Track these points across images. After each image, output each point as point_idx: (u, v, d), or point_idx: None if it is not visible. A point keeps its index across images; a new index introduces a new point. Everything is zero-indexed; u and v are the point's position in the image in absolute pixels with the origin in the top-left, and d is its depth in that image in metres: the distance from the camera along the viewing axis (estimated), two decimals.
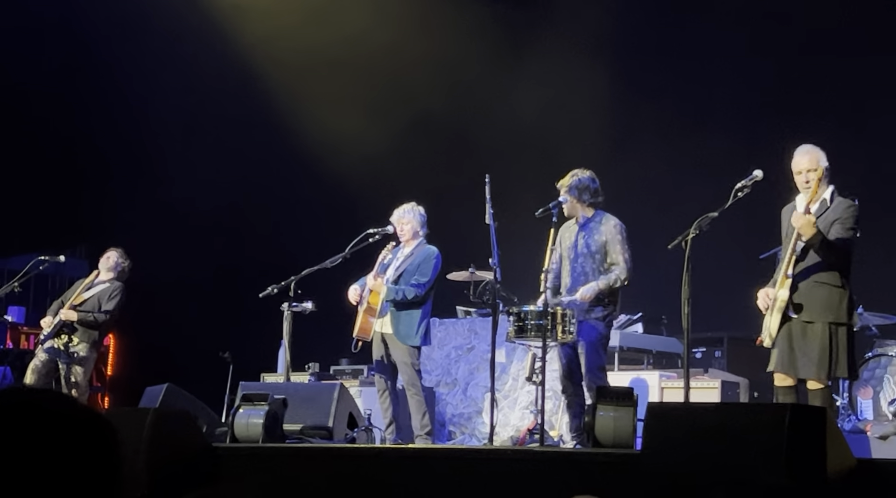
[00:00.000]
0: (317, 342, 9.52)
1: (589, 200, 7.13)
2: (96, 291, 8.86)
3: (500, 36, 11.07)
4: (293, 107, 11.55)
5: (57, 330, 8.65)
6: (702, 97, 10.37)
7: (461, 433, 9.40)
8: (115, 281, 9.00)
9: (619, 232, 7.04)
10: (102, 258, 9.07)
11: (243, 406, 6.50)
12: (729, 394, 8.23)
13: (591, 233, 7.09)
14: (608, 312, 7.03)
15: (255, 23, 11.34)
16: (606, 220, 7.11)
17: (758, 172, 6.13)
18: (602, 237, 7.04)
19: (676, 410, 4.84)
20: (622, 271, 6.95)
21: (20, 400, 1.26)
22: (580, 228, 7.16)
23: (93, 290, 8.88)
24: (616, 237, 7.02)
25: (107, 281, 8.97)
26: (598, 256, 7.04)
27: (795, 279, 5.81)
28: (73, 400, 1.32)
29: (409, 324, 7.48)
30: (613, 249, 7.00)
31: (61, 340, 8.64)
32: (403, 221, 7.70)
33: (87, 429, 1.26)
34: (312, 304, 8.63)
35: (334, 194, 11.36)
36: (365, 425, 7.76)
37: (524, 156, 10.79)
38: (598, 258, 7.04)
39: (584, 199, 7.12)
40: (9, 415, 1.22)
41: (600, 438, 5.59)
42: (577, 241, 7.12)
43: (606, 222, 7.08)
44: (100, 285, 8.93)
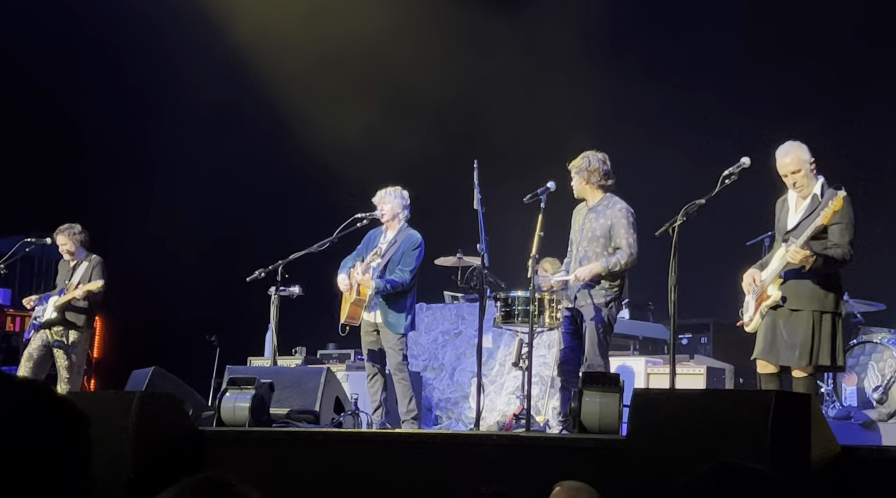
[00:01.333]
0: (304, 326, 9.53)
1: (598, 183, 7.00)
2: (81, 273, 8.82)
3: (491, 24, 11.03)
4: (280, 91, 11.51)
5: (49, 321, 8.65)
6: (690, 84, 10.36)
7: (448, 418, 9.43)
8: (90, 255, 8.93)
9: (625, 216, 6.91)
10: (61, 241, 8.87)
11: (230, 390, 6.50)
12: (714, 380, 8.27)
13: (598, 216, 6.99)
14: (611, 297, 6.94)
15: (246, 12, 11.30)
16: (614, 203, 6.98)
17: (745, 160, 6.14)
18: (608, 221, 6.94)
19: (661, 396, 4.86)
20: (623, 255, 6.84)
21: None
22: (588, 211, 7.07)
23: (77, 273, 8.84)
24: (622, 221, 6.89)
25: (81, 260, 8.89)
26: (602, 239, 6.93)
27: (787, 276, 5.83)
28: (48, 388, 1.31)
29: (397, 313, 7.54)
30: (618, 232, 6.89)
31: (56, 330, 8.65)
32: (384, 202, 7.72)
33: (58, 419, 1.24)
34: (300, 288, 8.63)
35: (322, 178, 11.34)
36: (352, 410, 7.77)
37: (513, 141, 10.79)
38: (602, 242, 6.93)
39: (593, 181, 6.99)
40: None
41: (586, 424, 5.61)
42: (584, 225, 7.04)
43: (613, 206, 6.96)
44: (80, 266, 8.86)
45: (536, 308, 6.98)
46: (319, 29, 11.18)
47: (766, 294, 5.87)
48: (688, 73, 10.44)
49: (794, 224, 5.92)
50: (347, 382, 8.74)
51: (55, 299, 8.71)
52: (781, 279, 5.84)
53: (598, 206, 7.02)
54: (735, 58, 10.32)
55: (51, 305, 8.70)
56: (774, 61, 10.04)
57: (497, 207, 7.51)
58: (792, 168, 5.86)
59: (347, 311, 7.60)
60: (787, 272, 5.84)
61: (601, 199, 7.03)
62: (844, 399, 7.89)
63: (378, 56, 11.22)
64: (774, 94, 9.98)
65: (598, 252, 6.92)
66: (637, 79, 10.50)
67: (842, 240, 5.74)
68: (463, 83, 11.25)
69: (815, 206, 5.85)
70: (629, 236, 6.88)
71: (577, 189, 7.03)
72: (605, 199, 7.03)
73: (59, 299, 8.67)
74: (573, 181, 7.04)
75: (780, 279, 5.84)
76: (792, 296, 5.80)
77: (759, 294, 5.92)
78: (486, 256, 7.18)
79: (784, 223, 6.00)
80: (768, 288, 5.86)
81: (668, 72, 10.57)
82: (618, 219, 6.92)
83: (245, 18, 11.32)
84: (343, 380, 8.55)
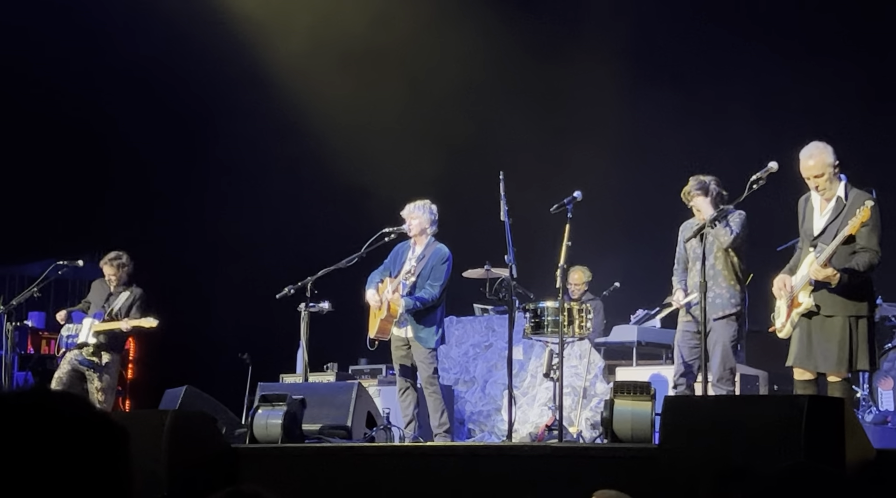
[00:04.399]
0: (335, 342, 9.54)
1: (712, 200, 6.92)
2: (121, 302, 8.93)
3: (518, 37, 11.02)
4: (306, 104, 11.56)
5: (84, 341, 8.74)
6: (719, 91, 10.31)
7: (480, 431, 9.40)
8: (132, 286, 9.08)
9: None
10: (109, 266, 9.05)
11: (262, 407, 6.52)
12: (748, 387, 8.20)
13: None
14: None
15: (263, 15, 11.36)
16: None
17: (773, 164, 6.10)
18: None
19: (693, 403, 4.83)
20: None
21: (33, 402, 1.26)
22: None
23: (118, 301, 8.94)
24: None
25: (123, 289, 9.03)
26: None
27: (817, 284, 5.77)
28: (88, 403, 1.32)
29: (427, 328, 7.56)
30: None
31: (89, 350, 8.74)
32: (413, 217, 7.72)
33: (98, 433, 1.26)
34: (329, 304, 8.64)
35: (349, 193, 11.37)
36: (383, 424, 7.77)
37: (539, 152, 10.77)
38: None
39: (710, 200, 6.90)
40: (21, 416, 1.22)
41: (618, 433, 5.58)
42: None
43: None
44: (121, 295, 8.98)
45: (566, 318, 6.96)
46: (341, 39, 11.24)
47: (798, 301, 5.82)
48: (711, 82, 10.40)
49: (820, 228, 5.86)
50: (379, 396, 8.74)
51: (92, 322, 8.78)
52: (812, 286, 5.78)
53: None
54: (764, 58, 10.25)
55: (87, 328, 8.78)
56: (803, 61, 9.96)
57: (524, 218, 7.50)
58: (815, 172, 5.81)
59: (377, 326, 7.61)
60: (818, 280, 5.78)
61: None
62: (881, 403, 7.80)
63: (404, 68, 11.25)
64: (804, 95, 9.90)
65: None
66: (662, 86, 10.45)
67: (869, 242, 5.69)
68: (488, 94, 11.27)
69: (840, 210, 5.80)
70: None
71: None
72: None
73: (99, 325, 8.74)
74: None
75: (811, 286, 5.79)
76: (825, 302, 5.74)
77: (791, 300, 5.87)
78: (514, 267, 7.17)
79: (810, 225, 5.95)
80: (799, 295, 5.81)
81: (691, 78, 10.53)
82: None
83: (274, 40, 11.39)
84: (375, 395, 8.55)
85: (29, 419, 1.20)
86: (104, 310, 8.85)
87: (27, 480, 1.17)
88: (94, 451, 1.23)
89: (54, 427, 1.20)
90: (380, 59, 11.22)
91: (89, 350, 8.72)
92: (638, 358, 8.95)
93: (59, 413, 1.23)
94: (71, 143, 12.25)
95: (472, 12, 11.03)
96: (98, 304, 8.98)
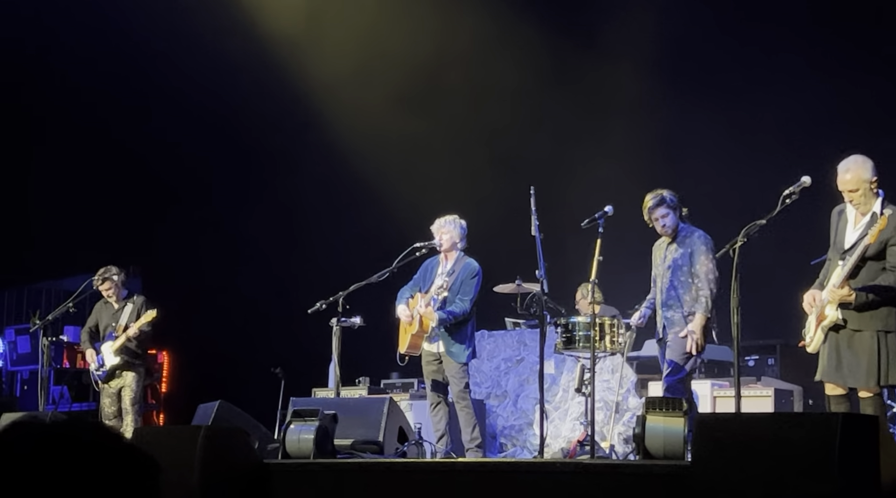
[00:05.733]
0: (366, 357, 9.57)
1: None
2: (127, 315, 9.00)
3: (548, 50, 11.01)
4: (339, 120, 11.63)
5: (112, 371, 8.84)
6: (752, 105, 10.25)
7: (512, 445, 9.38)
8: (133, 296, 9.15)
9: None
10: (105, 288, 9.07)
11: (294, 422, 6.53)
12: (782, 402, 8.13)
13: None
14: None
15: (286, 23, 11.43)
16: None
17: (806, 179, 6.05)
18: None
19: (726, 420, 4.79)
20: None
21: (65, 432, 1.27)
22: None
23: (123, 315, 9.01)
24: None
25: (126, 301, 9.09)
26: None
27: None
28: (119, 436, 1.32)
29: (459, 343, 7.57)
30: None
31: (118, 381, 8.85)
32: (443, 231, 7.74)
33: (128, 465, 1.27)
34: (361, 318, 8.67)
35: (380, 208, 11.41)
36: (415, 439, 7.77)
37: (569, 167, 10.76)
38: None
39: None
40: (53, 447, 1.23)
41: (651, 450, 5.54)
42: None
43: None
44: (125, 308, 9.04)
45: (598, 333, 6.94)
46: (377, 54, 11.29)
47: (824, 314, 5.78)
48: (744, 94, 10.34)
49: (851, 242, 5.81)
50: (411, 411, 8.75)
51: (110, 345, 8.88)
52: None
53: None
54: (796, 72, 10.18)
55: (108, 352, 8.88)
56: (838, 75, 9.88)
57: (555, 233, 7.49)
58: (850, 186, 5.76)
59: (408, 341, 7.63)
60: None
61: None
62: None
63: (437, 84, 11.28)
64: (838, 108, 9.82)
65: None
66: (695, 101, 10.41)
67: (893, 259, 5.65)
68: (519, 109, 11.27)
69: (873, 225, 5.75)
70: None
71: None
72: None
73: (113, 344, 8.85)
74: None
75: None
76: (852, 316, 5.69)
77: (818, 314, 5.83)
78: (545, 281, 7.16)
79: (842, 238, 5.90)
80: (826, 308, 5.76)
81: (724, 90, 10.47)
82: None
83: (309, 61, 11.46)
84: (406, 409, 8.56)
85: (61, 450, 1.21)
86: (114, 328, 8.94)
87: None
88: (123, 482, 1.24)
89: (84, 458, 1.22)
90: (411, 73, 11.25)
91: (116, 380, 8.85)
92: None
93: (89, 444, 1.24)
94: (112, 163, 12.40)
95: (506, 30, 11.04)
96: (109, 324, 9.05)
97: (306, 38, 11.41)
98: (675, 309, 7.05)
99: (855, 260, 5.63)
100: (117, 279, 9.08)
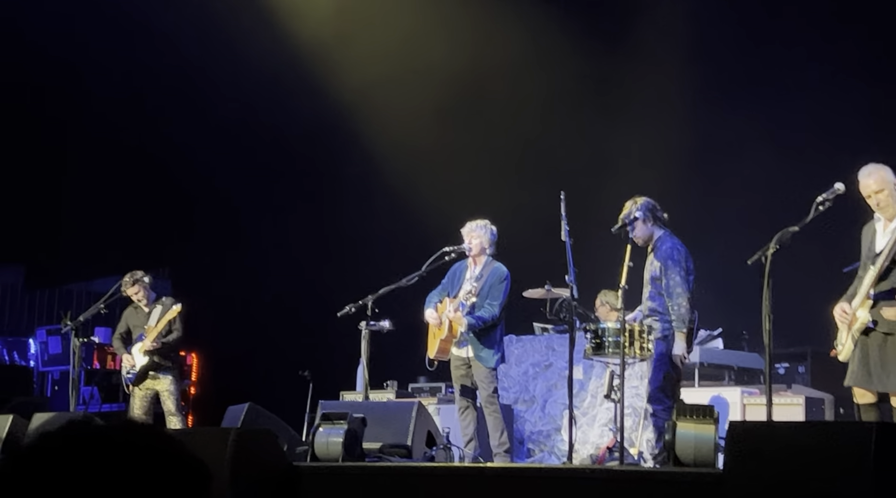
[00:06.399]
0: (395, 360, 9.57)
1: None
2: (157, 316, 9.02)
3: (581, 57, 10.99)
4: (368, 123, 11.65)
5: (143, 373, 8.88)
6: (786, 111, 10.17)
7: (540, 451, 9.36)
8: (161, 298, 9.19)
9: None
10: (133, 292, 9.07)
11: (323, 425, 6.55)
12: (814, 410, 8.06)
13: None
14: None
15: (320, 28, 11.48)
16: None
17: (839, 186, 6.02)
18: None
19: (759, 428, 4.76)
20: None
21: (120, 434, 1.25)
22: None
23: (153, 317, 9.03)
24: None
25: (155, 304, 9.12)
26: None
27: (876, 298, 5.69)
28: (175, 440, 1.30)
29: (488, 348, 7.56)
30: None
31: (152, 383, 8.88)
32: (473, 236, 7.74)
33: (182, 472, 1.26)
34: (390, 322, 8.67)
35: (409, 212, 11.42)
36: (443, 444, 7.77)
37: (600, 172, 10.72)
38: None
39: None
40: (108, 450, 1.22)
41: (681, 457, 5.51)
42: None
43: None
44: (155, 310, 9.07)
45: (627, 339, 6.91)
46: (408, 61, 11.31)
47: (855, 316, 5.75)
48: (775, 96, 10.27)
49: (881, 248, 5.79)
50: (439, 415, 8.75)
51: (139, 346, 8.91)
52: (870, 300, 5.70)
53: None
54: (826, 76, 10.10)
55: (137, 354, 8.91)
56: (868, 79, 9.80)
57: (585, 238, 7.48)
58: (875, 188, 5.77)
59: (437, 346, 7.63)
60: (877, 294, 5.69)
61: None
62: None
63: (471, 91, 11.28)
64: (873, 114, 9.73)
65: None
66: (724, 105, 10.35)
67: None
68: (549, 114, 11.25)
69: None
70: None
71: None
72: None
73: (143, 345, 8.88)
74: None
75: (869, 300, 5.70)
76: (883, 319, 5.65)
77: (850, 321, 5.81)
78: (574, 287, 7.14)
79: (872, 246, 5.88)
80: (857, 311, 5.74)
81: (761, 95, 10.41)
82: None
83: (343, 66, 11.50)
84: (434, 413, 8.56)
85: (117, 452, 1.21)
86: (145, 331, 8.97)
87: None
88: (176, 487, 1.23)
89: (139, 461, 1.21)
90: (445, 81, 11.26)
91: (149, 383, 8.87)
92: (700, 379, 8.84)
93: (144, 448, 1.23)
94: (142, 166, 12.49)
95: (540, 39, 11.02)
96: (140, 327, 9.08)
97: (340, 43, 11.45)
98: (654, 319, 7.15)
99: (884, 261, 5.59)
100: (146, 282, 9.12)
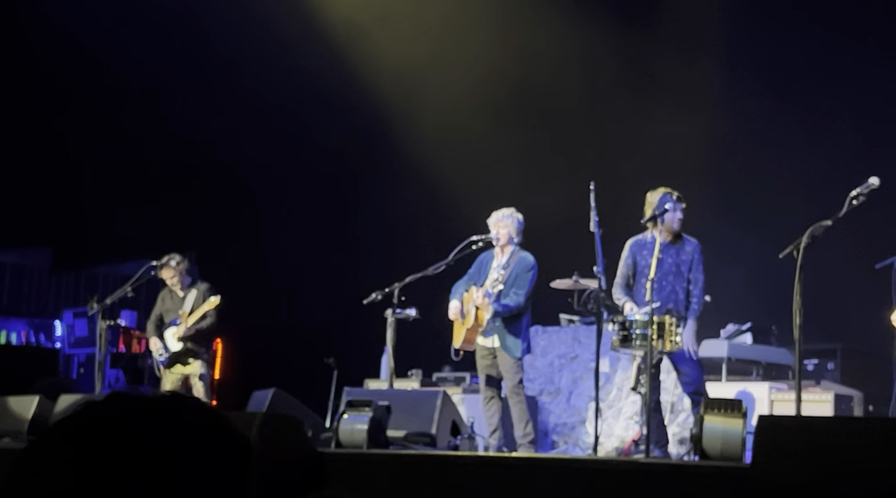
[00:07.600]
0: (420, 349, 9.55)
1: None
2: (191, 301, 9.00)
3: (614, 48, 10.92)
4: (397, 111, 11.62)
5: (175, 358, 8.89)
6: (817, 104, 10.06)
7: (564, 443, 9.32)
8: (197, 283, 9.16)
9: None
10: (168, 275, 9.04)
11: (348, 412, 6.54)
12: (842, 407, 7.99)
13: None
14: None
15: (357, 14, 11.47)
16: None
17: (874, 180, 5.95)
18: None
19: (789, 422, 4.71)
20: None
21: (166, 405, 1.22)
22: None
23: (187, 302, 9.02)
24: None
25: (190, 288, 9.10)
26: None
27: None
28: (219, 414, 1.27)
29: (514, 337, 7.53)
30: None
31: (183, 368, 8.90)
32: (500, 225, 7.70)
33: (230, 448, 1.23)
34: (416, 311, 8.65)
35: (437, 200, 11.39)
36: (468, 433, 7.75)
37: (630, 162, 10.66)
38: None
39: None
40: (155, 419, 1.19)
41: (708, 450, 5.46)
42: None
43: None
44: (189, 295, 9.05)
45: (655, 332, 6.86)
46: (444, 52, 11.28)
47: None
48: (811, 87, 10.15)
49: None
50: (463, 404, 8.73)
51: (173, 331, 8.91)
52: None
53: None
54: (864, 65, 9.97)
55: (171, 338, 8.92)
56: None
57: (614, 229, 7.43)
58: None
59: (463, 336, 7.61)
60: None
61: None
62: None
63: (496, 74, 11.23)
64: None
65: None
66: (758, 96, 10.24)
67: None
68: (579, 104, 11.18)
69: None
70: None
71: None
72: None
73: (177, 330, 8.88)
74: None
75: None
76: None
77: None
78: (603, 278, 7.10)
79: None
80: None
81: (794, 86, 10.29)
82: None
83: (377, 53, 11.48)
84: (459, 403, 8.53)
85: (160, 426, 1.18)
86: (179, 315, 8.95)
87: (153, 489, 1.15)
88: (222, 463, 1.20)
89: (186, 436, 1.18)
90: (473, 67, 11.22)
91: (179, 368, 8.88)
92: (728, 374, 8.78)
93: (190, 422, 1.20)
94: (170, 151, 12.53)
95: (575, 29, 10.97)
96: (174, 311, 9.08)
97: (377, 25, 11.43)
98: (680, 312, 7.34)
99: None
100: (181, 267, 9.07)
